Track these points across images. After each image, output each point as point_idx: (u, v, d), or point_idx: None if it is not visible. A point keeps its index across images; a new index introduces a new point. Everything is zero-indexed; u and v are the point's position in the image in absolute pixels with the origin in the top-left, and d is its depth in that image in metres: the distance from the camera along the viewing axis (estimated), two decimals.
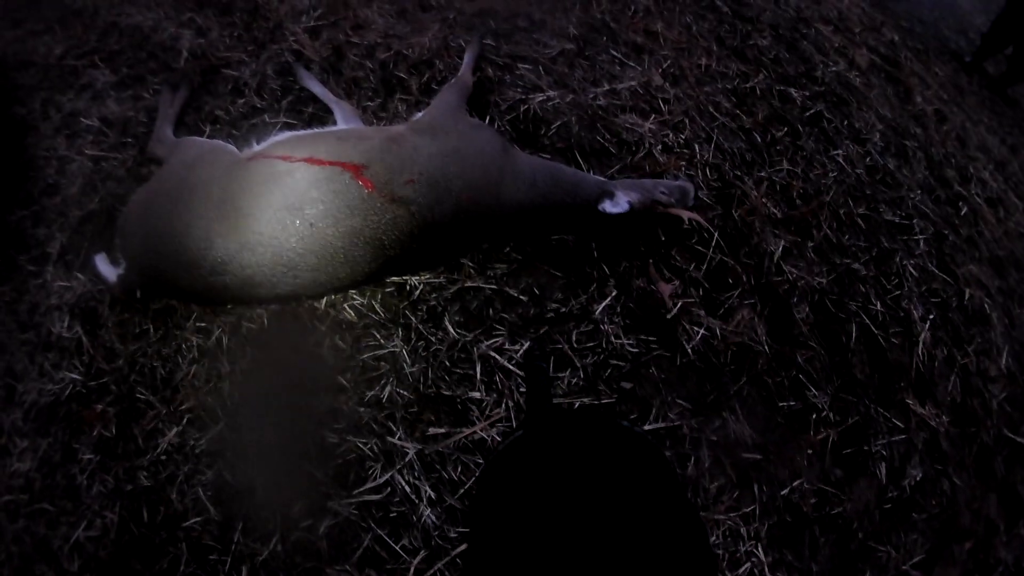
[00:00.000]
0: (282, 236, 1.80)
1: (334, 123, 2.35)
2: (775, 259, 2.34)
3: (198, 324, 2.02)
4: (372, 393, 1.93)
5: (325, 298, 2.06)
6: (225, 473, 1.82)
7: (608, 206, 2.01)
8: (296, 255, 1.82)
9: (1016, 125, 3.88)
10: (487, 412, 1.90)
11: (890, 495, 2.08)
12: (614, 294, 2.13)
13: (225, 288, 1.86)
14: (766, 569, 1.85)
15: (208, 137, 2.36)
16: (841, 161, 2.75)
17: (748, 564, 1.85)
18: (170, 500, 1.80)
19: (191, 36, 2.88)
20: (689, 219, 2.11)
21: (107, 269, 2.05)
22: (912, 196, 2.78)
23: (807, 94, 2.94)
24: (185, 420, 1.88)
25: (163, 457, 1.84)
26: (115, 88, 2.74)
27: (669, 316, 2.12)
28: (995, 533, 2.20)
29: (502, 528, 0.73)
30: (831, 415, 2.11)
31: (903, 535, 2.04)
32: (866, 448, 2.11)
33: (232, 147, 2.07)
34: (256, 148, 2.03)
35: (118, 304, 2.09)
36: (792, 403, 2.10)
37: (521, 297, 2.10)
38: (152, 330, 2.04)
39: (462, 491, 1.79)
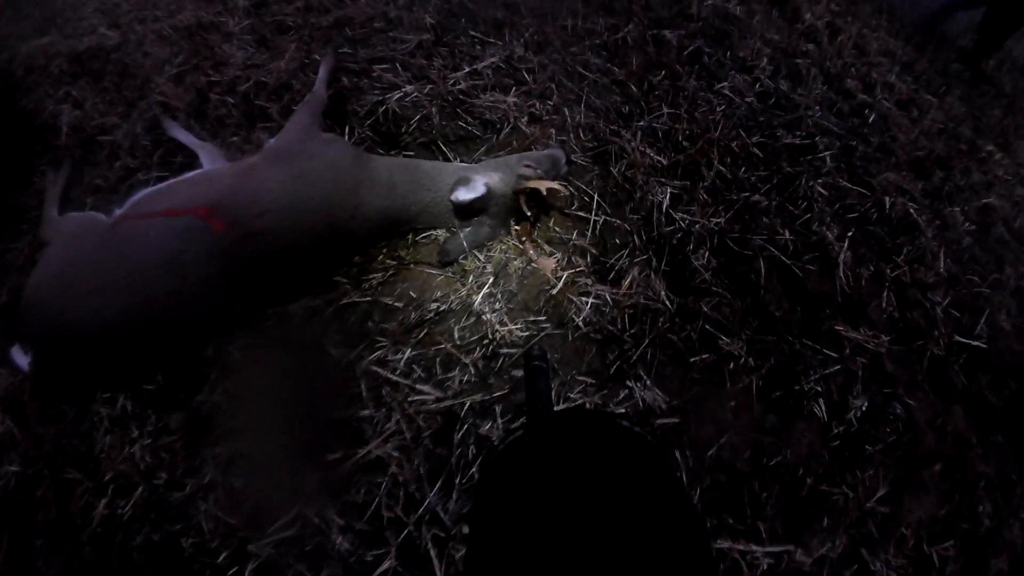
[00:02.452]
0: (156, 292, 1.79)
1: (202, 167, 2.28)
2: (664, 209, 2.19)
3: (104, 395, 1.98)
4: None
5: (210, 345, 2.00)
6: (152, 535, 1.77)
7: (461, 194, 1.92)
8: (173, 308, 1.81)
9: (919, 23, 3.72)
10: (379, 428, 1.80)
11: (836, 431, 1.91)
12: (491, 281, 1.99)
13: (120, 354, 1.88)
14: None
15: (91, 207, 2.35)
16: (728, 93, 2.60)
17: None
18: (113, 569, 1.77)
19: (69, 110, 2.83)
20: (548, 189, 1.96)
21: (21, 359, 2.03)
22: (811, 114, 2.63)
23: (683, 32, 2.80)
24: (110, 490, 1.85)
25: (99, 529, 1.81)
26: (6, 176, 2.69)
27: (554, 291, 1.97)
28: (967, 447, 2.03)
29: (501, 529, 0.72)
30: (750, 360, 1.95)
31: (858, 472, 1.87)
32: (797, 387, 1.95)
33: (102, 216, 2.06)
34: (119, 212, 2.01)
35: (37, 391, 2.05)
36: (705, 356, 1.93)
37: (397, 304, 1.98)
38: (68, 409, 2.00)
39: (369, 513, 1.71)
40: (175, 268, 1.79)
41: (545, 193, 1.99)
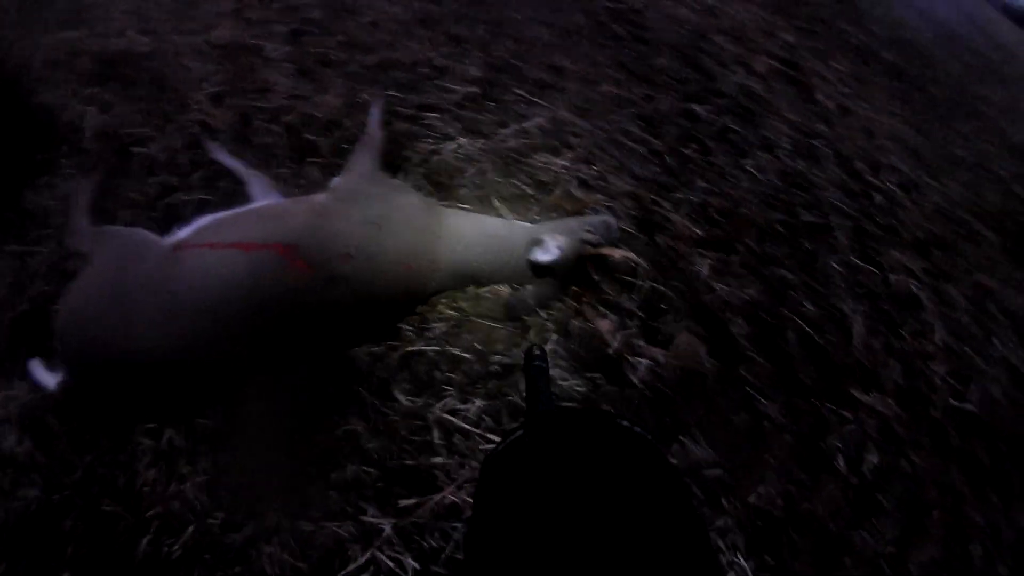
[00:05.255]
0: (228, 326, 1.75)
1: (250, 197, 2.26)
2: (702, 279, 2.40)
3: (147, 426, 1.90)
4: (336, 475, 1.87)
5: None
6: None
7: (539, 255, 2.02)
8: (244, 343, 1.77)
9: (927, 108, 4.00)
10: (452, 475, 1.87)
11: (853, 483, 2.12)
12: (554, 338, 2.15)
13: (177, 386, 1.83)
14: (750, 574, 1.86)
15: (128, 222, 2.24)
16: (753, 171, 2.84)
17: (732, 573, 1.86)
18: None
19: (95, 113, 2.76)
20: (621, 257, 2.14)
21: (44, 375, 1.93)
22: (826, 194, 2.88)
23: (712, 108, 3.04)
24: (155, 527, 1.76)
25: (142, 569, 1.71)
26: (28, 176, 2.56)
27: (612, 352, 2.15)
28: (962, 500, 2.25)
29: (500, 528, 0.71)
30: (785, 421, 2.16)
31: (874, 520, 2.08)
32: (822, 445, 2.16)
33: (154, 236, 1.97)
34: (180, 236, 1.94)
35: (66, 413, 1.94)
36: (745, 416, 2.14)
37: (465, 355, 2.09)
38: (104, 438, 1.90)
39: (444, 556, 1.74)
40: (250, 303, 1.74)
41: (616, 258, 2.15)
